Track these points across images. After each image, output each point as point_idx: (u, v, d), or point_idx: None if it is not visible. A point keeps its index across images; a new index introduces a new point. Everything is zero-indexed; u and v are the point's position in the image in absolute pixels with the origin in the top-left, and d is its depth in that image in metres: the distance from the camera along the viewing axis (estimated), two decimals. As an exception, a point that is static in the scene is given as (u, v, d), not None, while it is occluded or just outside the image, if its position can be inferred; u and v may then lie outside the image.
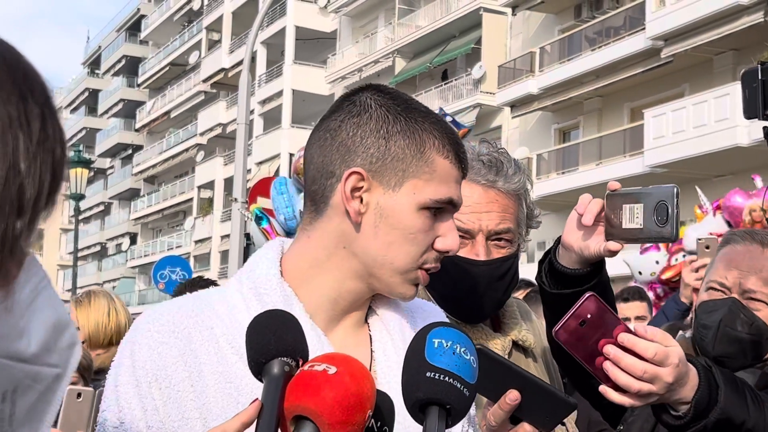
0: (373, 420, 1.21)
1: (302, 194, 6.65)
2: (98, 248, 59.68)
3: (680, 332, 2.41)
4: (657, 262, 7.03)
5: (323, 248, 1.43)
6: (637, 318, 5.24)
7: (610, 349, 1.55)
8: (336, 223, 1.42)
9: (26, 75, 0.88)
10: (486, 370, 1.36)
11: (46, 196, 0.87)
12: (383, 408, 1.23)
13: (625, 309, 5.28)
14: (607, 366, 1.55)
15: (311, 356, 1.22)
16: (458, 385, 1.19)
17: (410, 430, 1.34)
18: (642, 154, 22.29)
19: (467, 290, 1.99)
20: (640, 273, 7.09)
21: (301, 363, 1.20)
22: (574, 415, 2.08)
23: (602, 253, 1.82)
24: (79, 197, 20.33)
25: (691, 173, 20.65)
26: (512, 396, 1.38)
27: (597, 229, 1.82)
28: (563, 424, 2.04)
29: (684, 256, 6.80)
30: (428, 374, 1.19)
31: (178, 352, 1.37)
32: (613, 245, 1.80)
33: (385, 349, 1.46)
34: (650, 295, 6.23)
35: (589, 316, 1.54)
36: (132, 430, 1.35)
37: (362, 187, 1.39)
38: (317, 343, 1.37)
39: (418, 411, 1.20)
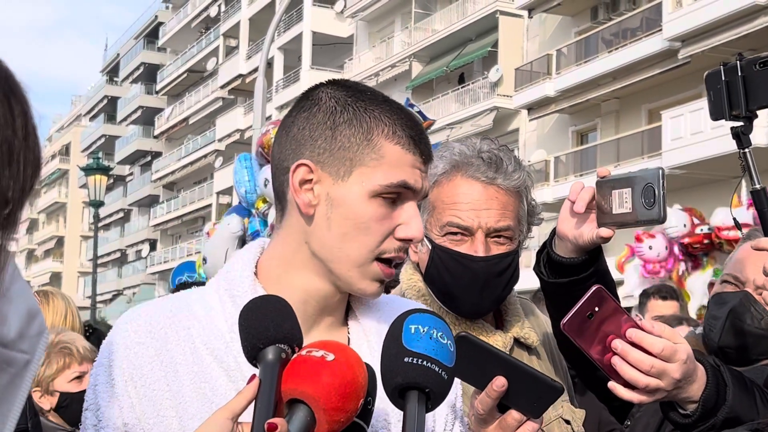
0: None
1: (264, 168, 6.62)
2: (118, 255, 59.90)
3: (690, 328, 2.41)
4: (684, 225, 8.80)
5: (289, 245, 1.43)
6: None
7: (617, 344, 1.55)
8: (295, 218, 1.42)
9: (7, 76, 0.90)
10: (470, 358, 1.37)
11: (29, 189, 0.89)
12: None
13: (661, 306, 5.25)
14: (615, 361, 1.55)
15: None
16: (436, 369, 1.21)
17: (390, 416, 1.35)
18: (660, 155, 22.15)
19: (466, 286, 1.99)
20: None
21: (296, 350, 1.22)
22: (581, 414, 2.08)
23: (595, 240, 1.84)
24: (98, 204, 20.40)
25: (709, 174, 20.52)
26: (499, 382, 1.38)
27: (590, 217, 1.84)
28: (568, 422, 2.04)
29: (709, 228, 8.25)
30: (406, 359, 1.21)
31: (154, 351, 1.38)
32: (604, 231, 1.81)
33: (360, 351, 1.42)
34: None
35: (596, 308, 1.54)
36: (109, 427, 1.37)
37: (312, 179, 1.39)
38: None
39: (398, 396, 1.21)
